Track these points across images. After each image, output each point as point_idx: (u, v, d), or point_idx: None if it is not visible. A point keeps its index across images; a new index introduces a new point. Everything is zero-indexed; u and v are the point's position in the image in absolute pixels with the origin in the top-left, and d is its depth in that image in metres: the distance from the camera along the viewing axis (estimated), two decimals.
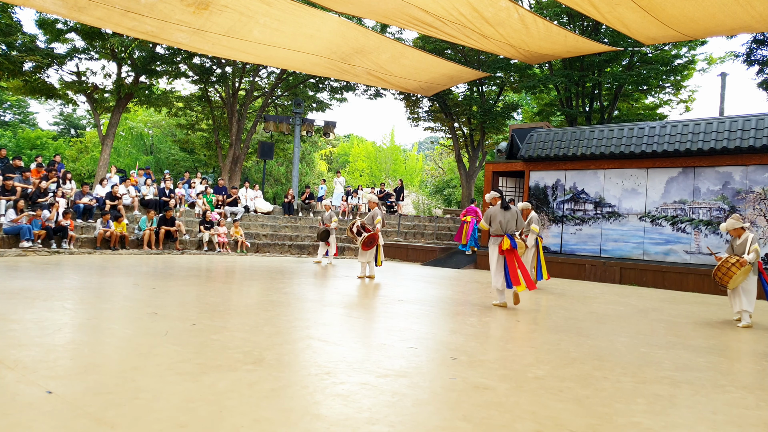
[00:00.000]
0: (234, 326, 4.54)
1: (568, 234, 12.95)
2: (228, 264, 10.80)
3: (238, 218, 15.28)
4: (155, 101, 20.43)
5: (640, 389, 3.38)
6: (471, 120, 22.56)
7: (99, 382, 2.93)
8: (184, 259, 11.13)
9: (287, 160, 29.96)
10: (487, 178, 15.02)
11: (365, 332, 4.75)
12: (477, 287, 8.87)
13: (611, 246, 12.29)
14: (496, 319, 5.94)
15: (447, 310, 6.21)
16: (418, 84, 10.02)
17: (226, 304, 5.74)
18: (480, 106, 21.33)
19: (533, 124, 16.25)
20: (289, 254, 14.43)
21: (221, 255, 12.90)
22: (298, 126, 19.41)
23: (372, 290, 7.71)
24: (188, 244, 13.49)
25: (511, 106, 22.49)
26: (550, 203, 13.33)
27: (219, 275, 8.90)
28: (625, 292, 9.37)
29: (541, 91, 20.61)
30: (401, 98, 23.66)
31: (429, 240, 16.48)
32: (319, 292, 7.20)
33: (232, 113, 21.04)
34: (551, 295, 8.35)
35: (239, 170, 21.56)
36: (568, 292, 8.84)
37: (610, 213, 12.42)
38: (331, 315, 5.39)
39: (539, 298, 7.86)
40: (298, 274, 9.49)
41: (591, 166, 12.76)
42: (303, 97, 22.06)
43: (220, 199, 15.90)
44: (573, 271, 11.56)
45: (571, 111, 19.55)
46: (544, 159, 13.34)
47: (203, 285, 7.30)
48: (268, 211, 17.14)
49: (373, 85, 10.24)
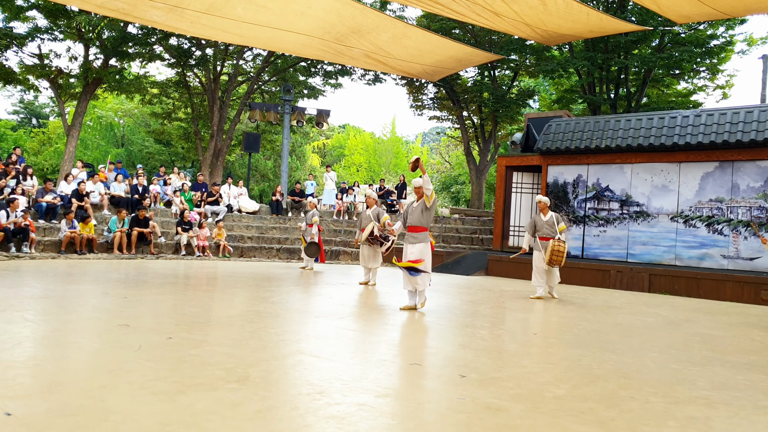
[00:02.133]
0: (215, 340, 4.54)
1: (591, 236, 12.96)
2: (209, 270, 10.80)
3: (220, 219, 15.29)
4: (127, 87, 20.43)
5: (672, 410, 3.38)
6: (482, 108, 22.59)
7: (64, 402, 2.93)
8: (160, 265, 11.12)
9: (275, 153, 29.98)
10: (499, 174, 15.02)
11: (363, 346, 4.74)
12: (488, 296, 8.86)
13: (639, 250, 12.29)
14: (510, 331, 5.92)
15: (455, 322, 6.20)
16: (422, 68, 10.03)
17: (206, 315, 5.74)
18: (492, 92, 21.36)
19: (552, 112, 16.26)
20: (277, 259, 14.43)
21: (201, 260, 12.90)
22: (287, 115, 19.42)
23: (371, 299, 7.70)
24: (164, 248, 13.49)
25: (527, 93, 22.52)
26: (571, 202, 13.34)
27: (198, 282, 8.89)
28: (655, 302, 9.37)
29: (560, 75, 20.63)
30: (403, 84, 23.69)
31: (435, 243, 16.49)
32: (310, 302, 7.18)
33: (213, 101, 21.06)
34: (572, 305, 8.35)
35: (221, 165, 21.59)
36: (590, 302, 8.83)
37: (637, 213, 12.42)
38: (324, 327, 5.39)
39: (558, 308, 7.86)
40: (287, 282, 9.48)
41: (616, 160, 12.76)
42: (293, 83, 22.10)
43: (199, 197, 15.91)
44: (596, 277, 11.57)
45: (594, 98, 19.57)
46: (563, 152, 13.35)
47: (181, 293, 7.29)
48: (253, 210, 17.15)
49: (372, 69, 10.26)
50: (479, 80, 22.39)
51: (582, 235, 13.11)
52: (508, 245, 14.75)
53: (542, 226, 8.68)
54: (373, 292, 8.59)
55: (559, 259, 8.36)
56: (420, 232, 6.79)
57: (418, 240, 6.74)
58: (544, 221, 8.68)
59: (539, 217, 8.76)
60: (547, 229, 8.62)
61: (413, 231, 6.83)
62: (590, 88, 20.24)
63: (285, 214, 17.43)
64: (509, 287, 10.39)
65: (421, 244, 6.72)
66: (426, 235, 6.80)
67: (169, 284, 8.16)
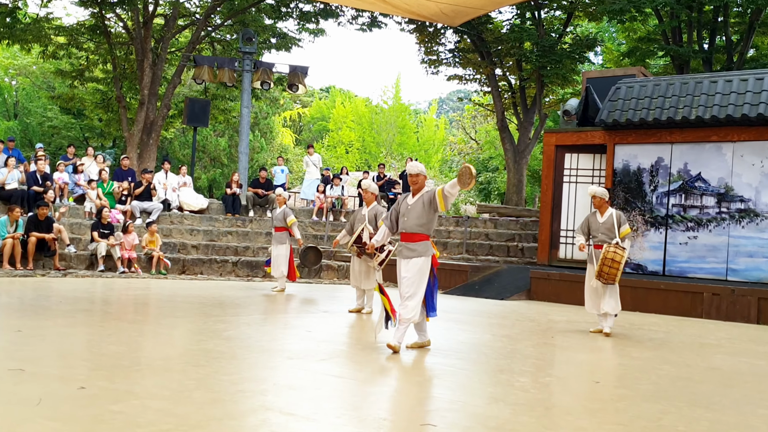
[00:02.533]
0: (146, 391, 4.53)
1: (676, 245, 12.95)
2: (137, 292, 10.75)
3: (154, 220, 15.28)
4: (21, 34, 20.41)
5: None
6: (522, 64, 22.57)
7: None
8: (68, 285, 11.10)
9: (231, 127, 29.99)
10: (546, 156, 15.01)
11: (353, 401, 4.72)
12: (531, 329, 8.83)
13: (744, 264, 12.28)
14: (561, 379, 5.89)
15: (484, 365, 6.18)
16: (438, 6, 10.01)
17: (133, 356, 5.71)
18: (536, 42, 21.35)
19: (620, 70, 16.24)
20: (234, 276, 14.42)
21: (127, 278, 12.89)
22: (248, 73, 19.40)
23: (364, 333, 7.68)
24: (74, 261, 13.45)
25: (586, 43, 22.52)
26: (647, 196, 13.33)
27: (123, 310, 8.84)
28: (766, 338, 9.36)
29: (633, 18, 20.62)
30: (411, 30, 23.68)
31: (454, 254, 16.48)
32: (280, 337, 7.14)
33: (143, 54, 21.06)
34: (648, 341, 8.33)
35: (155, 144, 21.59)
36: (674, 337, 8.80)
37: (741, 211, 12.42)
38: (299, 373, 5.37)
39: (627, 346, 7.85)
40: (248, 309, 9.44)
41: (712, 137, 12.75)
42: (256, 28, 22.08)
43: (125, 190, 15.90)
44: (683, 303, 11.56)
45: (680, 50, 19.57)
46: (637, 126, 13.34)
47: (98, 325, 7.25)
48: (200, 208, 17.13)
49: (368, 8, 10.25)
50: (518, 25, 22.40)
51: (663, 242, 13.09)
52: (558, 257, 14.74)
53: (598, 229, 8.54)
54: (368, 322, 8.57)
55: (612, 272, 8.11)
56: (418, 241, 6.51)
57: (416, 253, 6.51)
58: (600, 223, 8.55)
59: (595, 217, 8.65)
60: (604, 233, 8.48)
61: (409, 240, 6.53)
62: (675, 35, 20.24)
63: (245, 214, 17.42)
64: (561, 316, 10.37)
65: (419, 261, 6.47)
66: (427, 246, 6.53)
67: (81, 312, 8.11)
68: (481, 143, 37.52)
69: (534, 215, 19.00)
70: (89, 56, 23.83)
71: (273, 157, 34.23)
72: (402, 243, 6.66)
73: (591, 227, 8.62)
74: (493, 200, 33.42)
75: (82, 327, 7.04)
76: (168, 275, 13.70)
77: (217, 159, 32.79)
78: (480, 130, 38.16)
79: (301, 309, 9.81)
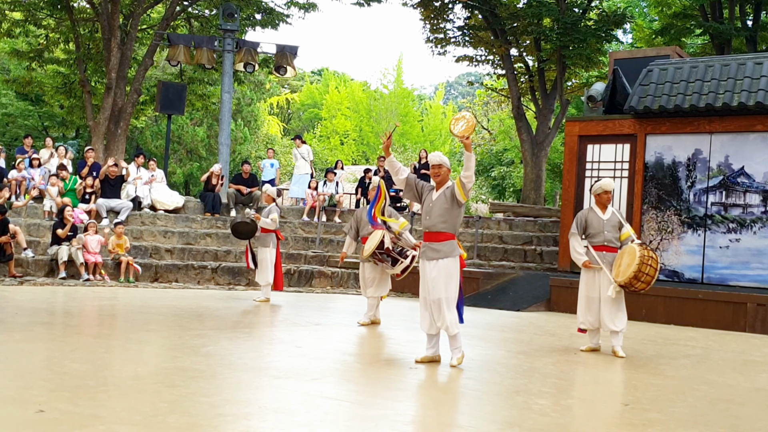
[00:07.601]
0: (114, 414, 4.53)
1: (716, 249, 12.93)
2: (104, 302, 10.74)
3: (123, 220, 15.28)
4: None
5: None
6: (540, 43, 22.55)
7: None
8: (25, 294, 11.09)
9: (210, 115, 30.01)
10: (569, 148, 15.00)
11: (352, 426, 4.73)
12: (551, 344, 8.84)
13: None
14: (586, 401, 5.89)
15: (499, 386, 6.20)
16: None
17: (99, 375, 5.71)
18: (557, 18, 21.34)
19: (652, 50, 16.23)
20: (213, 284, 14.41)
21: (92, 286, 12.87)
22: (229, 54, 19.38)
23: (365, 348, 7.67)
24: (32, 267, 13.44)
25: (613, 19, 22.49)
26: (683, 193, 13.32)
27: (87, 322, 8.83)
28: None
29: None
30: (415, 4, 23.68)
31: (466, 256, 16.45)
32: (266, 354, 7.14)
33: (110, 31, 21.04)
34: (684, 358, 8.32)
35: (124, 134, 21.59)
36: (714, 353, 8.80)
37: None
38: (288, 394, 5.38)
39: (660, 364, 7.85)
40: (230, 321, 9.44)
41: (757, 125, 12.74)
42: (238, 2, 22.06)
43: (89, 187, 15.90)
44: (724, 314, 11.56)
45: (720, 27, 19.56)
46: (672, 113, 13.33)
47: (59, 340, 7.24)
48: (175, 207, 17.12)
49: None
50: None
51: (702, 246, 13.08)
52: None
53: (601, 227, 8.24)
54: (367, 338, 8.56)
55: (648, 279, 7.78)
56: (443, 240, 6.71)
57: (441, 253, 6.68)
58: (604, 220, 8.28)
59: (595, 214, 8.36)
60: (610, 232, 8.22)
61: (433, 239, 6.74)
62: (715, 10, 20.23)
63: (226, 213, 17.41)
64: None
65: (446, 261, 6.67)
66: (453, 246, 6.74)
67: (40, 325, 8.10)
68: (495, 133, 37.49)
69: (554, 215, 18.99)
70: (49, 34, 23.81)
71: (258, 149, 34.26)
72: (425, 243, 6.76)
73: (590, 227, 8.32)
74: (508, 198, 33.45)
75: (42, 342, 7.03)
76: (138, 283, 13.68)
77: (194, 151, 32.80)
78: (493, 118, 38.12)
79: (290, 321, 9.80)
